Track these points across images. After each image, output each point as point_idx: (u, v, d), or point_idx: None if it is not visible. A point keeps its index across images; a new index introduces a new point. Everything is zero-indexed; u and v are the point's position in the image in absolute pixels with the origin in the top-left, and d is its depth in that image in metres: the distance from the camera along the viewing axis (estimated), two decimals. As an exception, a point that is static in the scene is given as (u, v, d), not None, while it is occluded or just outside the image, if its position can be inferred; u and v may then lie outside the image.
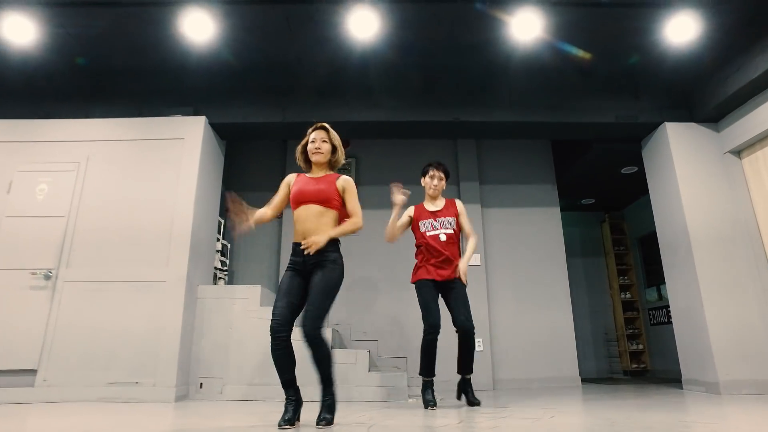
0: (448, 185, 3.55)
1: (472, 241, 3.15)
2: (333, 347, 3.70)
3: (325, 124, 2.53)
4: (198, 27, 3.44)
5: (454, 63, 3.99)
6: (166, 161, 3.94)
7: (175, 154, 3.96)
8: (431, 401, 2.96)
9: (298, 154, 2.57)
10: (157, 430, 2.18)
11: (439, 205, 3.25)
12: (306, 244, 2.25)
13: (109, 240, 3.73)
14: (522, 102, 4.26)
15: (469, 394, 3.11)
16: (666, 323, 5.82)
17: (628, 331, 6.23)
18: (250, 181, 5.37)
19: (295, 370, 2.29)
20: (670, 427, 2.09)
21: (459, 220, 3.20)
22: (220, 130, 4.30)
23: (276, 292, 2.36)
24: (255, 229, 2.50)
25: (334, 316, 4.64)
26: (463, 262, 3.09)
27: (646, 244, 6.33)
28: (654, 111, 4.29)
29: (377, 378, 3.56)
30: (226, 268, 4.70)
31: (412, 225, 3.26)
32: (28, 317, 3.50)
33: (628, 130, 4.40)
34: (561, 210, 5.28)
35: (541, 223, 5.18)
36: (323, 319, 2.23)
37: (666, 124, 4.23)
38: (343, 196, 2.44)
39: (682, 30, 3.48)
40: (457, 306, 3.03)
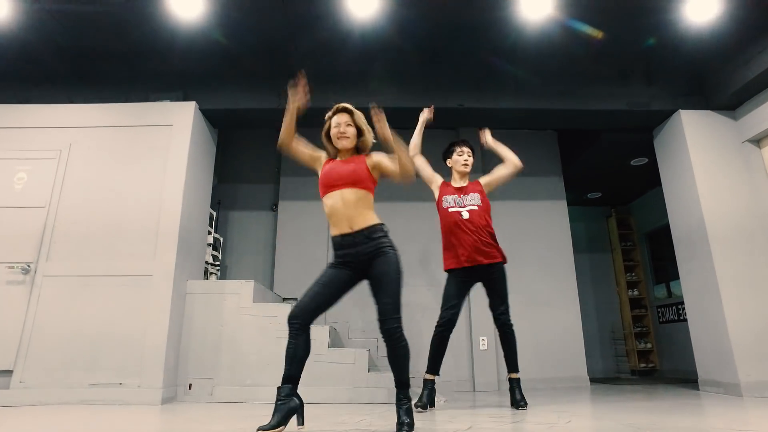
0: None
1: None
2: (330, 346, 3.49)
3: (347, 106, 2.33)
4: (187, 3, 3.21)
5: (458, 46, 3.76)
6: (154, 149, 3.72)
7: (163, 142, 3.73)
8: (421, 402, 2.74)
9: (323, 140, 2.34)
10: (135, 437, 1.98)
11: (465, 182, 3.13)
12: (377, 115, 2.12)
13: (92, 232, 3.50)
14: (529, 88, 4.04)
15: (514, 394, 2.86)
16: (676, 321, 5.62)
17: (636, 330, 6.03)
18: (245, 172, 5.15)
19: (301, 370, 2.04)
20: (704, 434, 1.89)
21: (490, 182, 3.14)
22: (211, 117, 4.07)
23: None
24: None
25: (331, 313, 4.42)
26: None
27: (655, 239, 6.13)
28: (668, 98, 4.08)
29: (377, 378, 3.35)
30: (218, 262, 4.48)
31: (436, 201, 3.10)
32: (4, 314, 3.28)
33: (640, 119, 4.19)
34: (566, 204, 5.08)
35: (548, 217, 4.98)
36: (401, 311, 2.10)
37: (680, 111, 4.02)
38: (380, 168, 2.23)
39: (702, 8, 3.26)
40: (495, 298, 2.92)
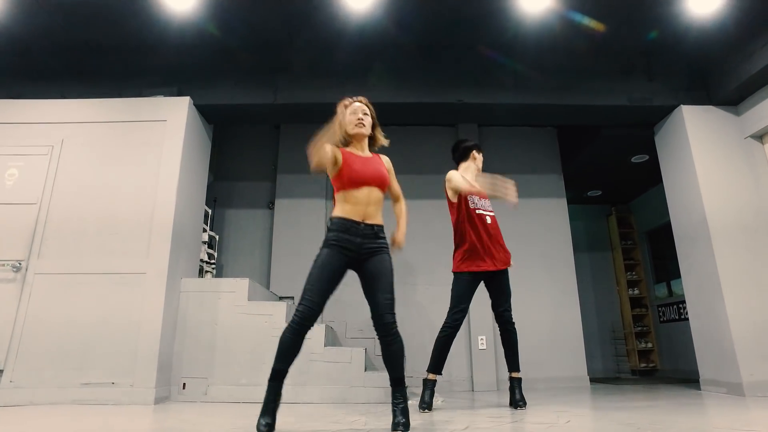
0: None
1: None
2: (326, 345, 3.44)
3: (363, 99, 2.33)
4: (179, -4, 3.16)
5: (457, 40, 3.71)
6: (147, 145, 3.66)
7: (157, 138, 3.68)
8: (424, 404, 2.70)
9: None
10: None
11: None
12: (397, 244, 2.37)
13: (85, 229, 3.45)
14: (528, 83, 3.99)
15: (514, 393, 2.81)
16: (677, 320, 5.56)
17: (637, 329, 5.98)
18: (242, 169, 5.09)
19: (291, 364, 2.03)
20: (708, 435, 1.84)
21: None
22: (206, 113, 4.01)
23: (311, 269, 2.06)
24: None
25: (328, 312, 4.36)
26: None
27: (655, 238, 6.07)
28: (669, 93, 4.02)
29: (374, 378, 3.30)
30: (213, 260, 4.43)
31: (458, 196, 2.90)
32: (-6, 312, 3.22)
33: (641, 114, 4.14)
34: (567, 202, 5.02)
35: (547, 215, 4.92)
36: None
37: (682, 107, 3.97)
38: (389, 183, 2.35)
39: (705, 1, 3.21)
40: (500, 297, 2.88)
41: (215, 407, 2.99)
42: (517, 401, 2.78)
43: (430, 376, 2.79)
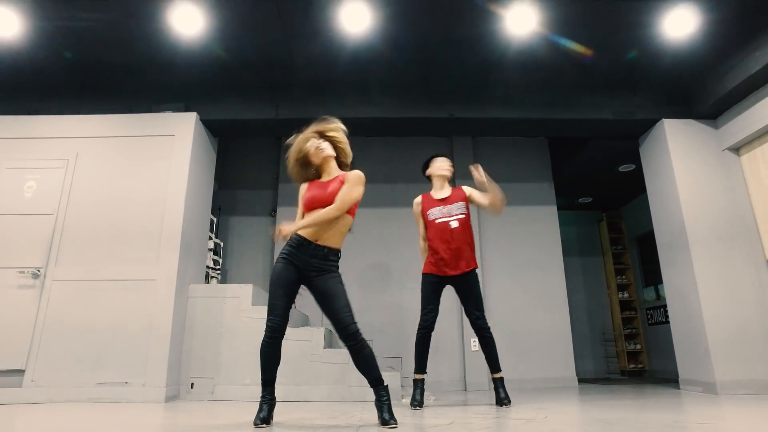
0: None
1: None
2: (325, 347, 3.65)
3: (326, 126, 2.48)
4: (187, 20, 3.38)
5: (449, 58, 3.93)
6: (157, 158, 3.89)
7: (166, 151, 3.90)
8: (416, 401, 2.91)
9: (291, 171, 2.47)
10: (146, 430, 2.13)
11: (446, 192, 3.18)
12: (278, 232, 2.24)
13: (99, 238, 3.67)
14: (517, 98, 4.21)
15: (499, 393, 2.99)
16: (664, 323, 5.77)
17: (626, 331, 6.19)
18: (245, 179, 5.32)
19: (277, 370, 2.29)
20: (664, 427, 2.04)
21: (471, 199, 3.13)
22: (211, 127, 4.24)
23: (270, 285, 2.30)
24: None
25: (328, 315, 4.58)
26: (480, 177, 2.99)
27: (644, 243, 6.28)
28: (651, 107, 4.23)
29: (370, 378, 3.50)
30: (218, 266, 4.65)
31: (422, 215, 3.18)
32: (16, 316, 3.44)
33: (626, 127, 4.35)
34: (558, 208, 5.24)
35: (538, 222, 5.14)
36: None
37: (664, 120, 4.18)
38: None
39: (680, 24, 3.42)
40: (468, 304, 3.02)
41: (221, 405, 3.20)
42: (501, 399, 2.98)
43: (417, 376, 3.01)
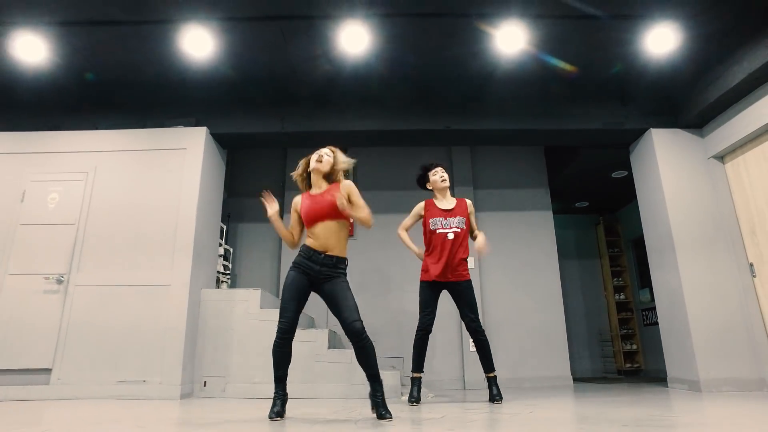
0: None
1: (482, 234, 3.31)
2: (330, 347, 3.88)
3: (332, 147, 2.74)
4: (198, 43, 3.62)
5: (444, 74, 4.14)
6: (170, 170, 4.14)
7: (178, 163, 4.15)
8: (413, 398, 3.12)
9: (297, 176, 2.74)
10: (167, 423, 2.36)
11: (450, 203, 3.34)
12: (341, 203, 2.43)
13: (117, 246, 3.93)
14: (511, 110, 4.41)
15: (491, 390, 3.20)
16: (658, 324, 5.92)
17: (622, 332, 6.35)
18: (252, 187, 5.56)
19: (288, 368, 2.51)
20: (635, 420, 2.24)
21: (468, 219, 3.32)
22: (220, 140, 4.49)
23: (282, 290, 2.52)
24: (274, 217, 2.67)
25: (332, 319, 4.82)
26: (480, 238, 3.21)
27: (640, 246, 6.42)
28: (640, 117, 4.42)
29: (371, 376, 3.72)
30: (228, 272, 4.89)
31: (423, 220, 3.36)
32: (43, 319, 3.71)
33: (616, 136, 4.54)
34: (556, 213, 5.43)
35: (534, 226, 5.32)
36: None
37: (652, 130, 4.36)
38: (349, 199, 2.61)
39: (662, 41, 3.61)
40: (464, 308, 3.20)
41: (233, 402, 3.43)
42: (494, 396, 3.18)
43: (415, 375, 3.22)
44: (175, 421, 2.46)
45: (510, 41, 3.60)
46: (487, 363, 3.23)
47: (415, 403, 3.10)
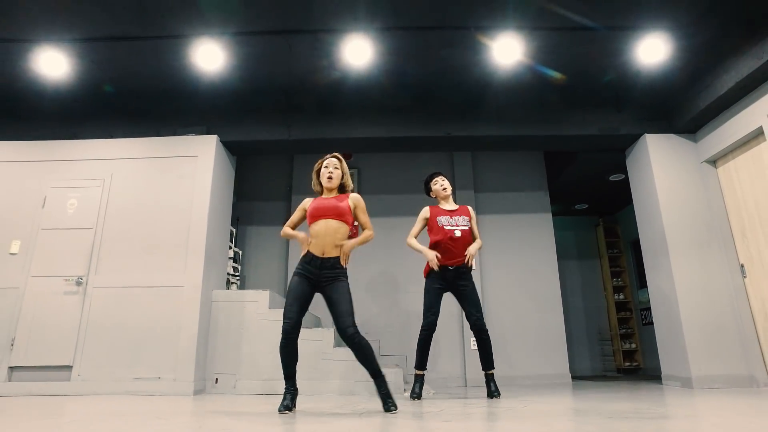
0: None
1: (479, 241, 3.50)
2: (335, 346, 4.05)
3: (337, 154, 2.93)
4: (210, 56, 3.81)
5: (444, 83, 4.31)
6: (182, 176, 4.33)
7: (190, 170, 4.34)
8: (415, 393, 3.28)
9: (313, 176, 2.95)
10: (181, 414, 2.54)
11: (453, 206, 3.53)
12: (343, 248, 2.66)
13: (132, 249, 4.12)
14: (509, 117, 4.57)
15: (489, 386, 3.36)
16: (657, 323, 6.05)
17: (622, 331, 6.48)
18: (260, 192, 5.76)
19: (296, 365, 2.67)
20: (621, 413, 2.39)
21: (470, 224, 3.50)
22: (230, 147, 4.68)
23: (286, 294, 2.72)
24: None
25: (338, 317, 4.98)
26: (472, 246, 3.39)
27: (639, 247, 6.56)
28: (635, 123, 4.55)
29: (375, 373, 3.89)
30: (238, 273, 5.08)
31: (428, 222, 3.49)
32: (63, 319, 3.92)
33: (612, 141, 4.68)
34: (556, 215, 5.57)
35: (534, 229, 5.47)
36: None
37: (646, 135, 4.50)
38: (354, 213, 2.82)
39: (653, 51, 3.75)
40: (468, 306, 3.36)
41: (243, 398, 3.61)
42: (492, 392, 3.34)
43: (417, 372, 3.38)
44: (191, 413, 2.63)
45: (508, 52, 3.76)
46: (486, 360, 3.39)
47: (417, 399, 3.26)
